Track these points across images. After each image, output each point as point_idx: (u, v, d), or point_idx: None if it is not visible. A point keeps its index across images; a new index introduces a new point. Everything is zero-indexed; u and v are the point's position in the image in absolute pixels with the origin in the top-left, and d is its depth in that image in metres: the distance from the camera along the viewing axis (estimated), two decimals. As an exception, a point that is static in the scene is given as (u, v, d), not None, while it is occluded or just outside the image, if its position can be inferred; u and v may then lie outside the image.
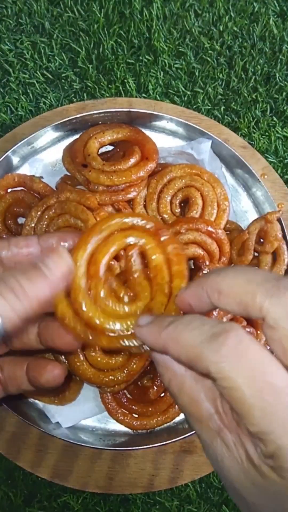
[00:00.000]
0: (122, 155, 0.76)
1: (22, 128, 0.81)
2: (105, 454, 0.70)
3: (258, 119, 0.89)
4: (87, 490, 0.70)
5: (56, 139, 0.81)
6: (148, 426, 0.70)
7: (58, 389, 0.70)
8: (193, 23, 0.92)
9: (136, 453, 0.71)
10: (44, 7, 0.91)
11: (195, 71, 0.90)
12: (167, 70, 0.90)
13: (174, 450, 0.71)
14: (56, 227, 0.70)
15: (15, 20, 0.91)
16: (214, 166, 0.79)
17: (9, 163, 0.78)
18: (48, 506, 0.75)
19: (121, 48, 0.90)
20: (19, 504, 0.74)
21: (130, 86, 0.88)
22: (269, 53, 0.92)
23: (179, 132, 0.82)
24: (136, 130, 0.77)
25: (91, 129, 0.77)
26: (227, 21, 0.92)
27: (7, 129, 0.83)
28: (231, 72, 0.91)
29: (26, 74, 0.89)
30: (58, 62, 0.90)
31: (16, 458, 0.70)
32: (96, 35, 0.90)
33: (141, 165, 0.72)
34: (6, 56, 0.89)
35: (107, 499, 0.75)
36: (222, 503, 0.76)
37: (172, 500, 0.76)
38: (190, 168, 0.76)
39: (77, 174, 0.73)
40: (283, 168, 0.87)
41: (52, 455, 0.70)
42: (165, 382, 0.35)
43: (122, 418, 0.69)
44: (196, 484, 0.76)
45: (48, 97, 0.88)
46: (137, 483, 0.70)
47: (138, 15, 0.91)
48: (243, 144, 0.82)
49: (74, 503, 0.74)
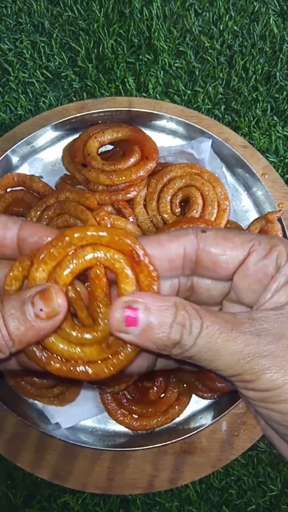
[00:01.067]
0: (122, 155, 0.76)
1: (22, 128, 0.81)
2: (105, 455, 0.70)
3: (259, 119, 0.88)
4: (86, 491, 0.70)
5: (55, 139, 0.81)
6: (148, 426, 0.70)
7: (57, 389, 0.70)
8: (193, 22, 0.92)
9: (136, 454, 0.70)
10: (43, 6, 0.91)
11: (195, 70, 0.90)
12: (167, 69, 0.90)
13: (174, 450, 0.71)
14: (56, 227, 0.70)
15: (14, 20, 0.91)
16: (215, 166, 0.79)
17: (9, 162, 0.78)
18: (47, 507, 0.74)
19: (121, 47, 0.90)
20: (19, 505, 0.74)
21: (130, 85, 0.88)
22: (270, 52, 0.92)
23: (179, 131, 0.82)
24: (136, 129, 0.77)
25: (91, 128, 0.76)
26: (227, 20, 0.92)
27: (7, 129, 0.83)
28: (232, 71, 0.90)
29: (25, 73, 0.89)
30: (58, 61, 0.89)
31: (15, 459, 0.69)
32: (96, 34, 0.90)
33: (141, 165, 0.72)
34: (5, 55, 0.89)
35: (107, 499, 0.75)
36: (222, 503, 0.76)
37: (172, 501, 0.75)
38: (190, 168, 0.75)
39: (77, 174, 0.73)
40: (284, 167, 0.87)
41: (52, 455, 0.70)
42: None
43: (122, 419, 0.69)
44: (196, 484, 0.76)
45: (47, 96, 0.88)
46: (137, 483, 0.70)
47: (138, 14, 0.91)
48: (243, 144, 0.82)
49: (73, 504, 0.74)
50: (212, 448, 0.71)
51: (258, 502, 0.76)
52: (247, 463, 0.77)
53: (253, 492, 0.77)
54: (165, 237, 0.35)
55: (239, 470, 0.77)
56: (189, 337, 0.31)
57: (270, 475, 0.77)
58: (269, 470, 0.77)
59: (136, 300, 0.32)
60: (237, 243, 0.35)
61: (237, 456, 0.72)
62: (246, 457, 0.77)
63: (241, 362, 0.31)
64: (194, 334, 0.31)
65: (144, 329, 0.32)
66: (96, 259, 0.35)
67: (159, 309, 0.32)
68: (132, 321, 0.32)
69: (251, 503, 0.77)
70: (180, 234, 0.35)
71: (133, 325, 0.32)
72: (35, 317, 0.32)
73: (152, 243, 0.35)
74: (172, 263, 0.35)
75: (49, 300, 0.33)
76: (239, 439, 0.72)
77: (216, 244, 0.35)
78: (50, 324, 0.33)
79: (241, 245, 0.34)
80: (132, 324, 0.32)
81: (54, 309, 0.33)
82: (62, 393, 0.70)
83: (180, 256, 0.35)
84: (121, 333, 0.32)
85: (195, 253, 0.35)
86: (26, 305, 0.33)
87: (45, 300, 0.32)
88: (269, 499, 0.77)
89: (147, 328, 0.32)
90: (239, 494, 0.77)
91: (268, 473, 0.77)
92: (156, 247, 0.35)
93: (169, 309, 0.32)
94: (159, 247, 0.35)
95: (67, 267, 0.34)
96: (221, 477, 0.77)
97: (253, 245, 0.34)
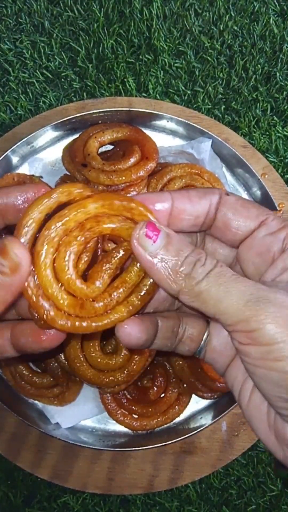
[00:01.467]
0: (122, 155, 0.76)
1: (22, 128, 0.81)
2: (105, 455, 0.70)
3: (259, 119, 0.88)
4: (86, 491, 0.70)
5: (55, 139, 0.81)
6: (148, 426, 0.70)
7: (57, 389, 0.70)
8: (193, 22, 0.92)
9: (136, 454, 0.70)
10: (43, 6, 0.91)
11: (195, 70, 0.90)
12: (167, 69, 0.90)
13: (174, 450, 0.71)
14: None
15: (14, 20, 0.91)
16: (215, 166, 0.79)
17: (9, 162, 0.78)
18: (47, 507, 0.74)
19: (121, 47, 0.90)
20: (19, 505, 0.74)
21: (130, 85, 0.88)
22: (270, 52, 0.92)
23: (179, 131, 0.82)
24: (136, 129, 0.77)
25: (91, 128, 0.76)
26: (227, 20, 0.92)
27: (7, 129, 0.83)
28: (232, 71, 0.90)
29: (25, 73, 0.89)
30: (58, 61, 0.89)
31: (15, 459, 0.69)
32: (96, 34, 0.90)
33: (141, 165, 0.72)
34: (5, 55, 0.89)
35: (107, 499, 0.75)
36: (222, 503, 0.76)
37: (172, 501, 0.75)
38: (190, 168, 0.75)
39: (77, 174, 0.73)
40: (284, 167, 0.87)
41: (52, 455, 0.70)
42: None
43: (122, 419, 0.69)
44: (196, 484, 0.76)
45: (47, 96, 0.87)
46: (137, 483, 0.70)
47: (138, 14, 0.91)
48: (243, 144, 0.82)
49: (73, 504, 0.74)
50: (212, 448, 0.71)
51: (258, 502, 0.76)
52: (247, 463, 0.77)
53: (253, 492, 0.77)
54: (195, 193, 0.36)
55: (239, 470, 0.77)
56: (201, 269, 0.32)
57: (270, 475, 0.77)
58: (269, 470, 0.77)
59: (160, 226, 0.33)
60: (252, 213, 0.35)
61: (237, 456, 0.72)
62: (246, 457, 0.77)
63: (248, 304, 0.30)
64: (207, 267, 0.32)
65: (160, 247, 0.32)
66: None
67: (178, 239, 0.33)
68: (152, 237, 0.32)
69: (251, 503, 0.77)
70: (208, 192, 0.36)
71: (151, 238, 0.32)
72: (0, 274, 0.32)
73: (183, 197, 0.36)
74: (198, 219, 0.36)
75: (4, 253, 0.33)
76: (239, 439, 0.72)
77: (233, 209, 0.36)
78: (18, 278, 0.33)
79: (256, 217, 0.35)
80: (150, 237, 0.32)
81: (13, 260, 0.32)
82: (62, 393, 0.70)
83: (205, 213, 0.36)
84: (139, 247, 0.32)
85: (215, 212, 0.36)
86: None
87: (2, 254, 0.33)
88: (269, 499, 0.77)
89: (163, 250, 0.32)
90: (239, 494, 0.77)
91: (268, 473, 0.77)
92: (187, 201, 0.36)
93: (188, 245, 0.33)
94: (189, 202, 0.36)
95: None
96: (221, 477, 0.77)
97: (266, 219, 0.35)
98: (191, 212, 0.36)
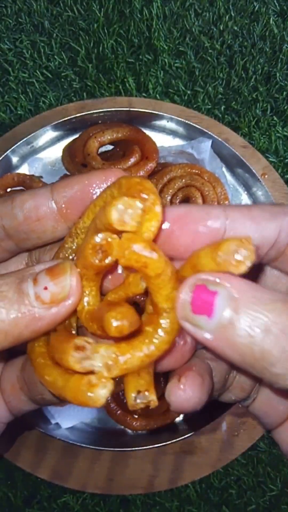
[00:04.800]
0: (122, 155, 0.76)
1: (22, 128, 0.81)
2: (105, 455, 0.70)
3: (259, 119, 0.88)
4: (86, 491, 0.70)
5: (55, 139, 0.81)
6: (148, 426, 0.69)
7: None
8: (193, 22, 0.92)
9: (136, 454, 0.70)
10: (43, 6, 0.91)
11: (195, 70, 0.90)
12: (167, 69, 0.90)
13: (174, 451, 0.71)
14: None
15: (14, 19, 0.91)
16: (214, 166, 0.79)
17: (9, 162, 0.78)
18: (47, 507, 0.74)
19: (121, 47, 0.90)
20: (19, 505, 0.74)
21: (130, 85, 0.88)
22: (270, 53, 0.92)
23: (179, 131, 0.82)
24: (136, 129, 0.77)
25: (91, 128, 0.76)
26: (227, 20, 0.92)
27: (7, 129, 0.83)
28: (232, 72, 0.90)
29: (25, 73, 0.89)
30: (58, 61, 0.89)
31: (15, 459, 0.69)
32: (96, 34, 0.90)
33: (141, 165, 0.72)
34: (5, 55, 0.89)
35: (107, 499, 0.75)
36: (222, 503, 0.76)
37: (172, 501, 0.75)
38: (190, 168, 0.75)
39: (77, 174, 0.73)
40: (284, 167, 0.87)
41: (52, 455, 0.70)
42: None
43: (122, 419, 0.69)
44: (196, 484, 0.76)
45: (47, 96, 0.87)
46: (137, 483, 0.70)
47: (138, 14, 0.91)
48: (243, 144, 0.82)
49: (73, 504, 0.74)
50: (212, 448, 0.71)
51: (258, 502, 0.77)
52: (247, 463, 0.77)
53: (253, 492, 0.77)
54: (259, 213, 0.25)
55: (239, 470, 0.77)
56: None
57: (270, 475, 0.77)
58: (269, 470, 0.77)
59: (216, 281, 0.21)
60: None
61: (237, 456, 0.72)
62: (246, 457, 0.77)
63: None
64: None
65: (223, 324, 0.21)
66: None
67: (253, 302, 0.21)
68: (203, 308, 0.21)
69: (251, 503, 0.77)
70: (278, 212, 0.25)
71: (204, 313, 0.21)
72: (34, 298, 0.23)
73: (244, 217, 0.25)
74: (259, 249, 0.26)
75: (59, 275, 0.23)
76: (239, 439, 0.72)
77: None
78: (53, 314, 0.23)
79: None
80: (202, 312, 0.21)
81: (64, 289, 0.23)
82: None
83: (271, 242, 0.25)
84: (187, 324, 0.22)
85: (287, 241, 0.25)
86: (25, 282, 0.23)
87: (54, 276, 0.23)
88: (268, 499, 0.77)
89: (228, 325, 0.21)
90: (239, 494, 0.77)
91: (268, 473, 0.77)
92: (249, 223, 0.25)
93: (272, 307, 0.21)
94: (253, 224, 0.25)
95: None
96: (221, 477, 0.77)
97: None
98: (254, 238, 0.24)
